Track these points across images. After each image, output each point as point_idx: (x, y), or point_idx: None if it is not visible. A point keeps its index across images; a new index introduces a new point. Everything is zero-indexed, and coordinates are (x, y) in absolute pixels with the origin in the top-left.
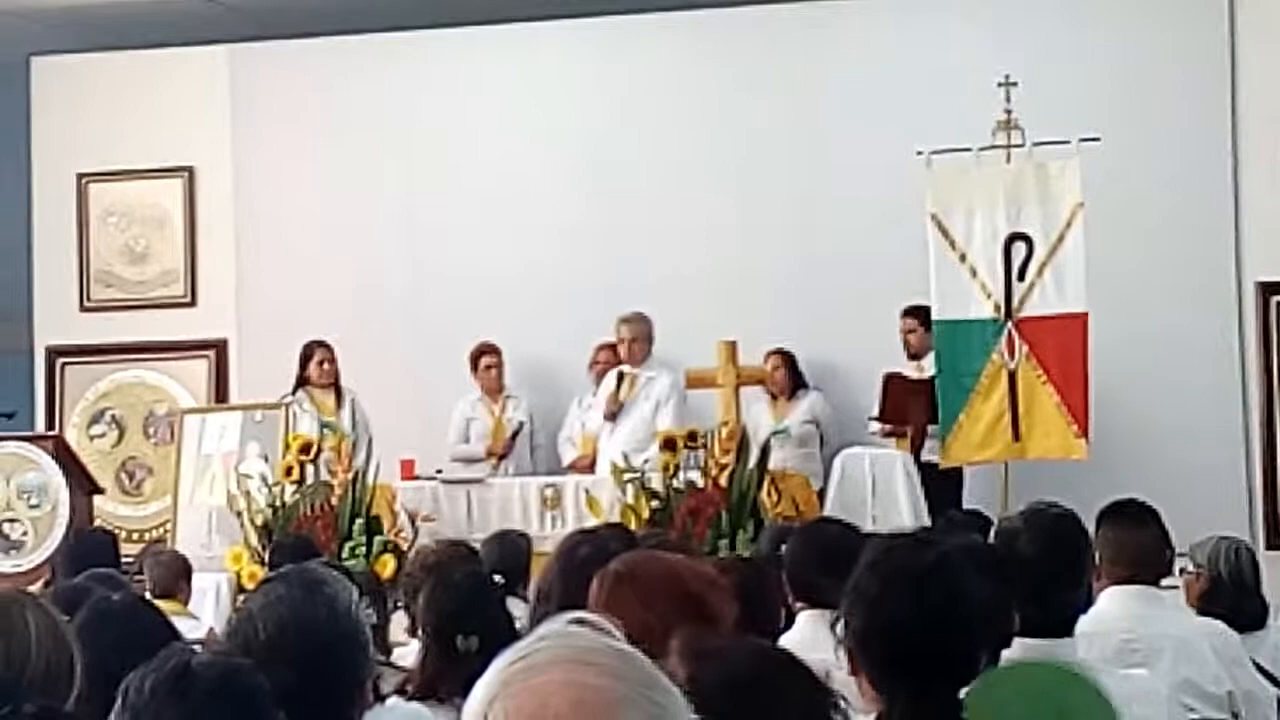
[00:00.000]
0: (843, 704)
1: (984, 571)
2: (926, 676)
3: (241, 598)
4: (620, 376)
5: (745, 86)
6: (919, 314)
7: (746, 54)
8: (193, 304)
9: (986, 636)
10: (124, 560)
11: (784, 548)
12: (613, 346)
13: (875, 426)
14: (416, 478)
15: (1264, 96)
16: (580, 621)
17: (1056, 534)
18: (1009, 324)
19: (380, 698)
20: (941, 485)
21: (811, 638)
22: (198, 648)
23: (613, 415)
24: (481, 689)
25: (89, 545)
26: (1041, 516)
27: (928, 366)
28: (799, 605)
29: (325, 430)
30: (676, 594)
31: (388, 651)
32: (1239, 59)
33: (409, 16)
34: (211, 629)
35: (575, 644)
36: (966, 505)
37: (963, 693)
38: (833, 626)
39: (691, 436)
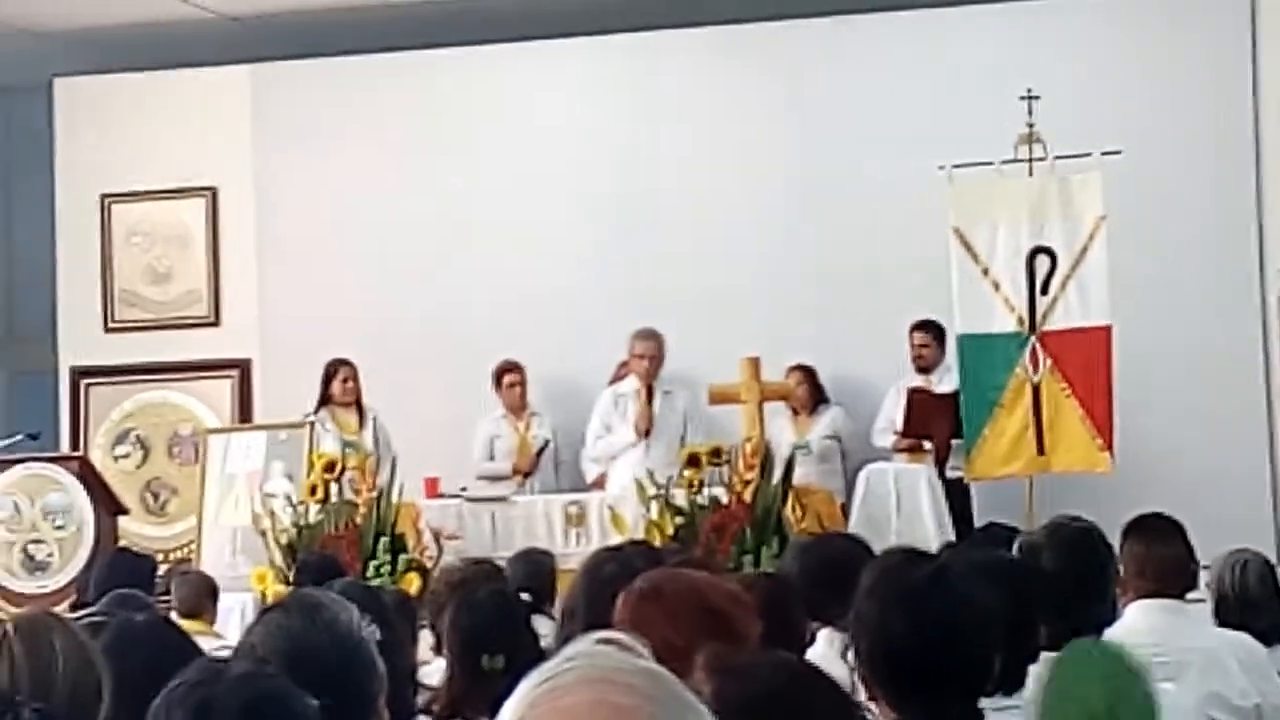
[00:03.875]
0: (869, 718)
1: (1005, 585)
2: (940, 691)
3: (244, 628)
4: (650, 394)
5: (767, 102)
6: (931, 328)
7: (767, 70)
8: (216, 324)
9: (997, 641)
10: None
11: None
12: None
13: (888, 440)
14: (441, 496)
15: None
16: (607, 640)
17: (1079, 548)
18: (1033, 338)
19: (408, 717)
20: (953, 499)
21: (832, 654)
22: (229, 661)
23: (647, 431)
24: (509, 710)
25: (125, 567)
26: (1064, 530)
27: (936, 381)
28: (814, 623)
29: (348, 449)
30: (701, 611)
31: (415, 670)
32: (1261, 70)
33: (431, 35)
34: (234, 649)
35: (603, 663)
36: (984, 520)
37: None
38: (843, 655)
39: (715, 453)
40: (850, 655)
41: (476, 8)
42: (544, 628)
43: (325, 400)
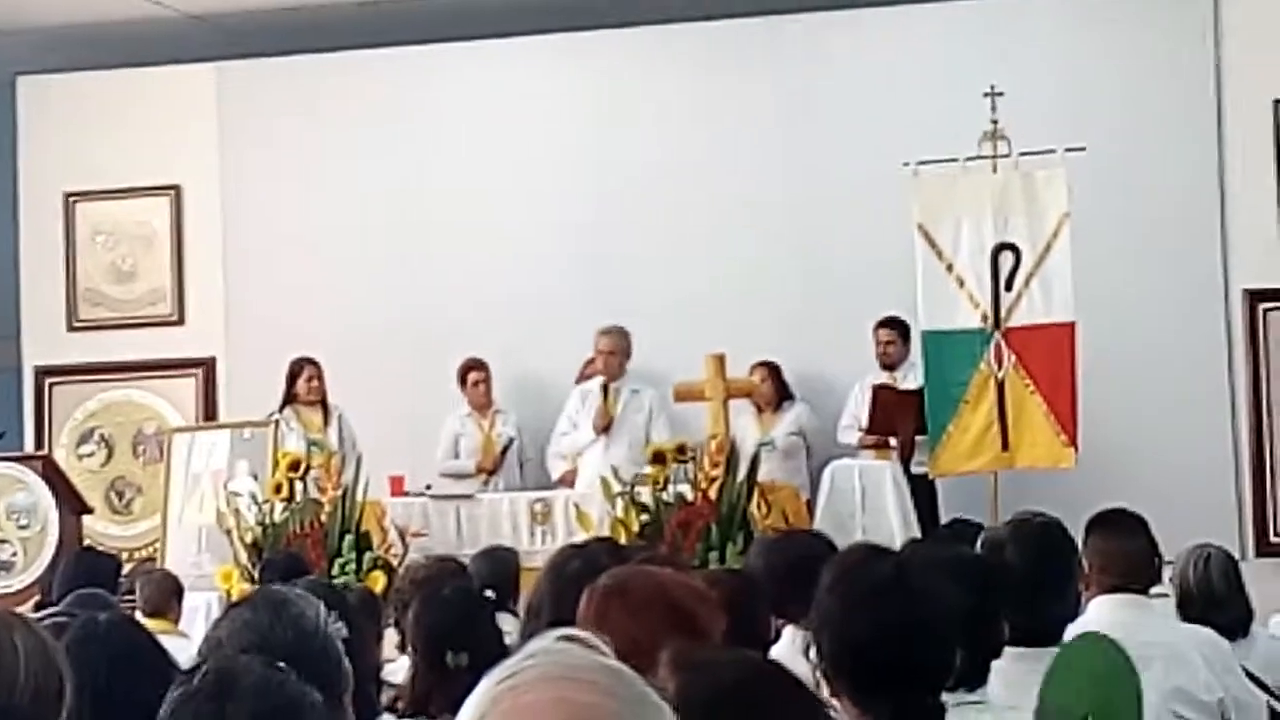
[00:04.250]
0: (833, 714)
1: (968, 580)
2: (903, 687)
3: (210, 624)
4: (605, 389)
5: (731, 100)
6: (897, 325)
7: (732, 67)
8: (180, 322)
9: (957, 637)
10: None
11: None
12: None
13: (853, 438)
14: (406, 494)
15: (1250, 106)
16: (569, 638)
17: (1042, 543)
18: (997, 334)
19: (372, 715)
20: (919, 495)
21: (795, 651)
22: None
23: (605, 428)
24: (470, 707)
25: (89, 566)
26: (1027, 526)
27: (901, 377)
28: (779, 620)
29: (312, 448)
30: (665, 608)
31: (379, 667)
32: (1224, 68)
33: (397, 34)
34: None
35: (564, 661)
36: (950, 515)
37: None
38: (805, 652)
39: (681, 450)
40: (812, 652)
41: (444, 5)
42: (508, 625)
43: (290, 399)
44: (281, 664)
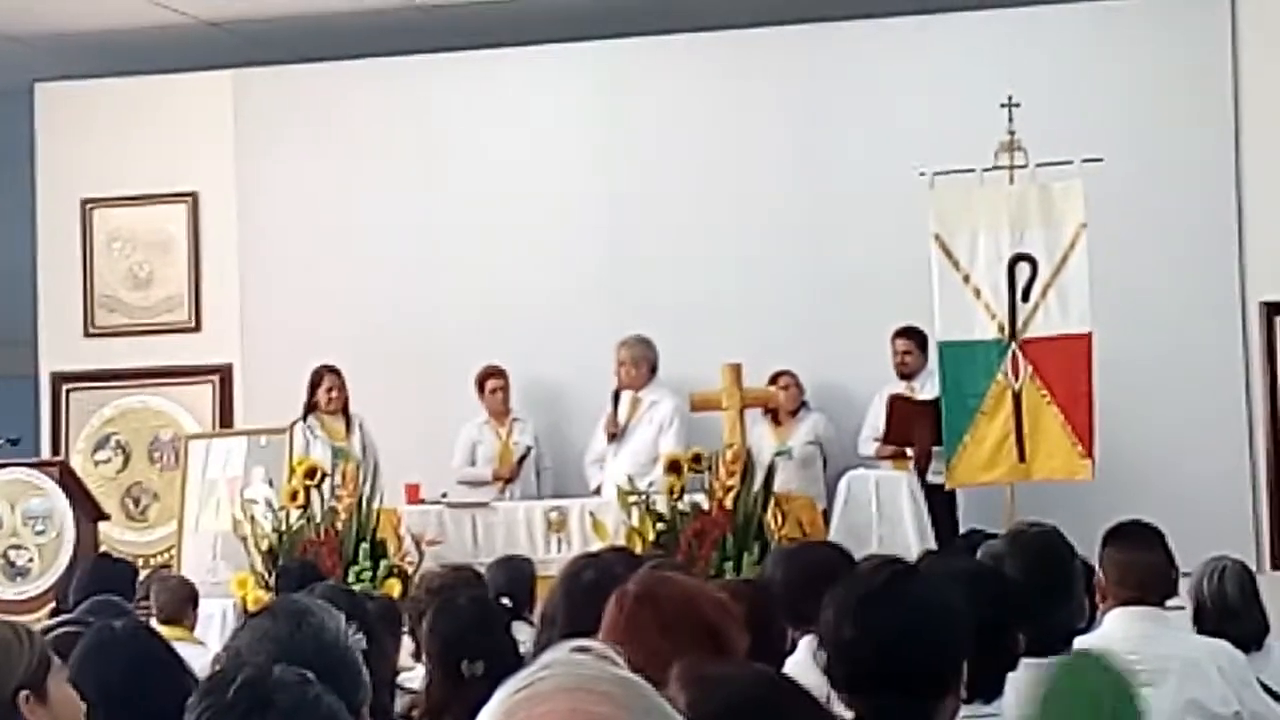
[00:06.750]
0: None
1: (977, 591)
2: (890, 693)
3: (229, 634)
4: (616, 398)
5: (749, 108)
6: (914, 335)
7: (750, 76)
8: (197, 329)
9: (957, 645)
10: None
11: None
12: None
13: (871, 449)
14: (422, 501)
15: (1267, 116)
16: (584, 649)
17: (1040, 552)
18: (1013, 345)
19: None
20: (938, 506)
21: (811, 661)
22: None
23: (613, 436)
24: (486, 717)
25: (105, 573)
26: (1024, 537)
27: (919, 387)
28: (795, 631)
29: (337, 457)
30: (695, 623)
31: (395, 676)
32: (1242, 79)
33: (414, 41)
34: (217, 654)
35: (579, 672)
36: (969, 527)
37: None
38: (814, 658)
39: (696, 459)
40: (820, 659)
41: (460, 14)
42: (523, 634)
43: (311, 407)
44: (310, 675)
